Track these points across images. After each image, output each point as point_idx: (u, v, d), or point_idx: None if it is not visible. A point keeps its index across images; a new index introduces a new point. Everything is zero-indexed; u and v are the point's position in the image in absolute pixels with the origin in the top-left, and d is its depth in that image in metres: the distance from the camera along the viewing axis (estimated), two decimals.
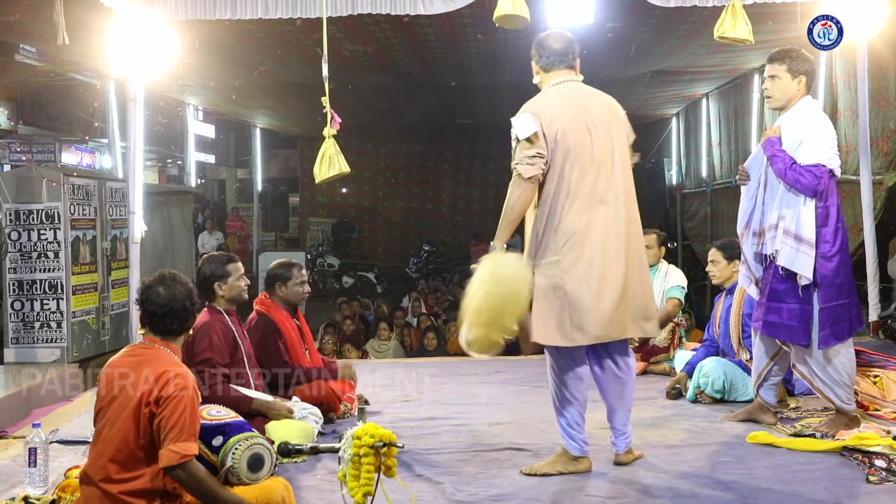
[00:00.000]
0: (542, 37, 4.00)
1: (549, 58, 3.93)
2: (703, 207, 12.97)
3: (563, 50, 3.92)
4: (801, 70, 4.26)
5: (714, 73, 10.69)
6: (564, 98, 3.86)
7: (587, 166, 3.75)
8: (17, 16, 6.95)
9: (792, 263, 4.16)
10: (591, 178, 3.75)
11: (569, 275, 3.72)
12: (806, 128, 4.20)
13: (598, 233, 3.74)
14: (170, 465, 2.83)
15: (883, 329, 6.47)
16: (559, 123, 3.75)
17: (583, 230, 3.72)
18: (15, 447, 4.40)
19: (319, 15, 5.65)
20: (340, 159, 5.53)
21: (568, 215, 3.73)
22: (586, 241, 3.72)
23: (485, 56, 9.49)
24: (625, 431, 3.97)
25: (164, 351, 3.04)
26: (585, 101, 3.86)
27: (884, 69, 6.91)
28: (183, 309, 3.08)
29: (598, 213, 3.75)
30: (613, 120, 3.88)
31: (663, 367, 6.04)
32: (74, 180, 6.76)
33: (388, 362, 7.66)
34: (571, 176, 3.74)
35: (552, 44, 3.93)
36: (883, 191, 6.88)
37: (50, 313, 6.51)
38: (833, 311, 4.19)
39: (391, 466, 2.87)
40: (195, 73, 9.55)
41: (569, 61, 3.93)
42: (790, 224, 4.17)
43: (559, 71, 3.92)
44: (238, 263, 4.60)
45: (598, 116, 3.82)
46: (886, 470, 3.72)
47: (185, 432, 2.86)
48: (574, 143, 3.75)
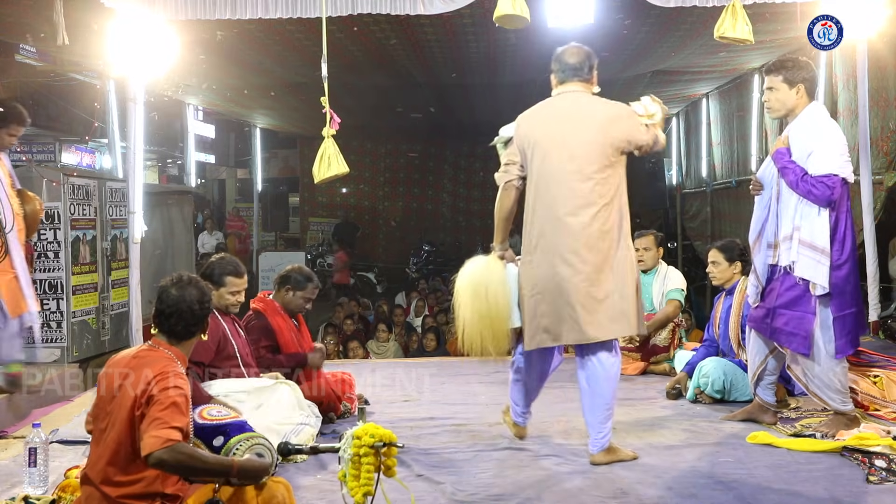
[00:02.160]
0: (560, 50, 4.14)
1: (564, 72, 4.10)
2: (703, 207, 12.97)
3: (578, 64, 4.07)
4: (797, 79, 4.24)
5: (714, 73, 10.69)
6: (554, 109, 4.09)
7: (559, 174, 3.94)
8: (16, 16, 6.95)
9: (809, 273, 4.13)
10: (562, 188, 3.93)
11: (534, 275, 3.98)
12: (815, 137, 4.17)
13: (560, 238, 3.91)
14: (152, 450, 2.73)
15: (883, 329, 6.47)
16: (537, 132, 4.01)
17: (549, 234, 3.94)
18: (15, 447, 4.40)
19: (319, 15, 5.65)
20: (339, 159, 5.53)
21: (537, 220, 4.00)
22: (549, 246, 3.93)
23: (485, 56, 9.49)
24: (600, 431, 3.98)
25: (168, 354, 3.03)
26: (577, 111, 4.02)
27: (883, 69, 6.91)
28: (190, 311, 3.06)
29: (565, 222, 3.91)
30: (601, 131, 3.94)
31: (663, 367, 6.04)
32: (74, 180, 6.75)
33: (388, 362, 7.67)
34: (541, 182, 3.98)
35: (567, 58, 4.09)
36: (883, 191, 6.87)
37: (50, 313, 6.50)
38: (846, 320, 4.18)
39: (391, 466, 2.87)
40: (195, 73, 9.56)
41: (582, 75, 4.08)
42: (806, 234, 4.14)
43: (570, 83, 4.09)
44: (238, 279, 4.56)
45: (581, 127, 3.95)
46: (886, 470, 3.72)
47: (166, 424, 2.78)
48: (548, 153, 3.97)
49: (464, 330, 4.03)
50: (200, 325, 3.14)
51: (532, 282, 4.00)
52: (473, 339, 4.00)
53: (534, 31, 6.51)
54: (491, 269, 4.06)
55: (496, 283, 4.00)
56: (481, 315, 3.98)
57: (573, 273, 3.88)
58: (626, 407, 5.11)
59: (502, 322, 4.01)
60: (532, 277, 4.00)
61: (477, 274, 4.05)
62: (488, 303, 3.97)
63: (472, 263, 4.11)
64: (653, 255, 6.26)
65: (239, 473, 2.85)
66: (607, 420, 3.99)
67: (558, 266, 3.90)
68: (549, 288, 3.93)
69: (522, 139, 4.06)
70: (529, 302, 4.00)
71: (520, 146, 4.07)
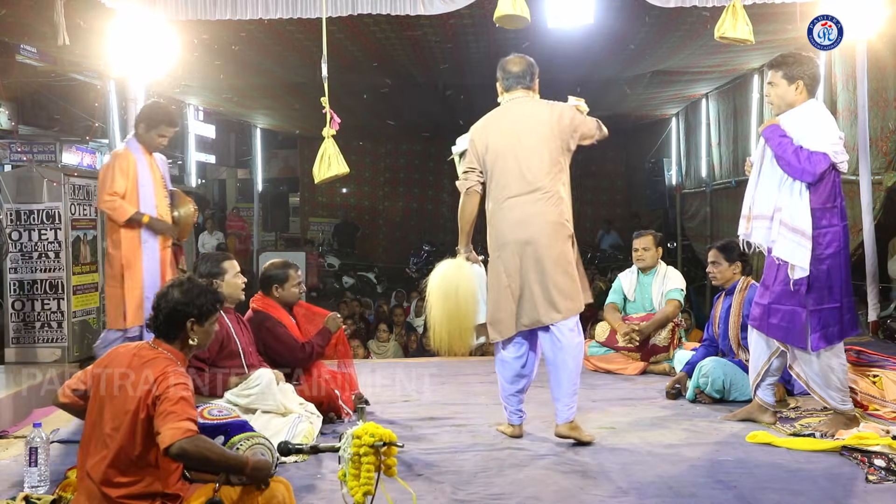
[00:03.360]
0: (504, 61, 4.42)
1: (508, 80, 4.39)
2: (703, 207, 12.98)
3: (521, 73, 4.36)
4: (797, 75, 4.24)
5: (714, 74, 10.69)
6: (503, 115, 4.39)
7: (510, 173, 4.25)
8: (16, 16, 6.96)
9: (791, 255, 4.15)
10: (516, 185, 4.23)
11: (503, 268, 4.28)
12: (810, 124, 4.18)
13: (513, 233, 4.24)
14: (174, 440, 2.74)
15: (882, 329, 6.48)
16: (489, 138, 4.32)
17: (506, 230, 4.26)
18: (16, 447, 4.40)
19: (319, 15, 5.66)
20: (340, 159, 5.54)
21: (495, 218, 4.31)
22: (506, 242, 4.26)
23: (485, 56, 9.50)
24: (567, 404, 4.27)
25: (167, 355, 3.03)
26: (523, 114, 4.32)
27: (883, 69, 6.92)
28: (174, 311, 3.04)
29: (514, 218, 4.24)
30: (549, 127, 4.24)
31: (663, 367, 6.04)
32: (75, 180, 6.76)
33: (388, 362, 7.67)
34: (501, 183, 4.28)
35: (511, 67, 4.38)
36: (882, 191, 6.88)
37: (51, 313, 6.51)
38: (823, 315, 4.19)
39: (391, 466, 2.87)
40: (195, 73, 9.56)
41: (525, 83, 4.38)
42: (786, 216, 4.15)
43: (515, 91, 4.38)
44: (233, 261, 4.65)
45: (529, 128, 4.26)
46: (886, 469, 3.73)
47: (182, 416, 2.80)
48: (500, 154, 4.28)
49: (433, 328, 4.41)
50: (186, 330, 3.06)
51: (502, 275, 4.28)
52: (441, 337, 4.39)
53: (534, 31, 6.51)
54: (459, 271, 4.40)
55: (465, 284, 4.36)
56: (450, 315, 4.35)
57: (536, 261, 4.21)
58: (627, 407, 5.13)
59: (469, 319, 4.37)
60: (501, 271, 4.29)
61: (447, 276, 4.39)
62: (458, 302, 4.33)
63: (441, 267, 4.46)
64: (652, 254, 6.26)
65: (253, 470, 2.88)
66: (574, 395, 4.28)
67: (524, 257, 4.22)
68: (517, 277, 4.24)
69: (478, 147, 4.36)
70: (504, 293, 4.28)
71: (476, 154, 4.37)
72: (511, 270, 4.27)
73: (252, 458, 2.92)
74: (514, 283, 4.27)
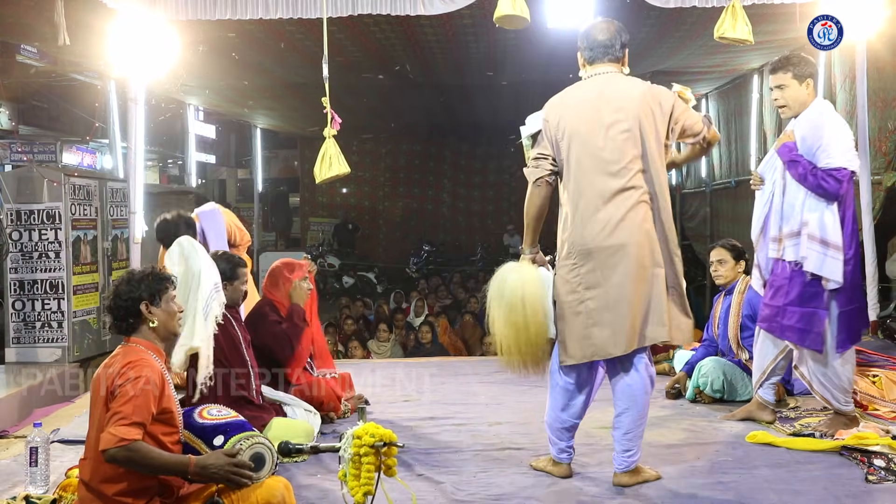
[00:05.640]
0: (587, 27, 3.74)
1: (593, 50, 3.68)
2: (702, 208, 12.97)
3: (608, 41, 3.66)
4: (806, 73, 4.24)
5: (714, 74, 10.69)
6: (584, 92, 3.66)
7: (595, 167, 3.55)
8: None
9: (820, 269, 4.13)
10: (600, 179, 3.54)
11: (580, 281, 3.59)
12: (822, 130, 4.16)
13: (594, 239, 3.55)
14: (106, 447, 2.76)
15: (882, 329, 6.47)
16: (566, 120, 3.59)
17: (590, 237, 3.56)
18: (16, 446, 4.41)
19: (319, 15, 5.65)
20: (340, 160, 5.54)
21: (576, 220, 3.59)
22: (586, 250, 3.56)
23: (485, 56, 9.50)
24: (627, 448, 3.66)
25: (139, 348, 3.06)
26: (610, 93, 3.59)
27: (882, 70, 6.91)
28: (125, 303, 3.07)
29: (599, 219, 3.54)
30: (643, 114, 3.55)
31: (663, 367, 6.04)
32: (75, 180, 6.77)
33: (388, 362, 7.67)
34: (580, 177, 3.59)
35: (596, 34, 3.67)
36: (882, 191, 6.88)
37: (51, 313, 6.52)
38: (849, 315, 4.20)
39: (391, 466, 2.88)
40: (195, 73, 9.56)
41: (613, 53, 3.67)
42: (815, 229, 4.13)
43: (601, 64, 3.67)
44: (246, 270, 4.59)
45: (619, 112, 3.55)
46: (885, 469, 3.73)
47: (125, 421, 2.80)
48: (584, 142, 3.57)
49: (501, 345, 3.67)
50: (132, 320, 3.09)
51: (578, 288, 3.59)
52: (512, 355, 3.65)
53: (534, 31, 6.51)
54: (525, 277, 3.67)
55: (532, 292, 3.62)
56: (518, 328, 3.61)
57: (623, 280, 3.52)
58: None
59: (541, 336, 3.65)
60: (577, 284, 3.59)
61: (510, 283, 3.65)
62: (525, 314, 3.60)
63: (503, 271, 3.71)
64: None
65: (196, 468, 2.88)
66: (640, 437, 3.67)
67: (607, 271, 3.53)
68: (599, 296, 3.55)
69: (552, 129, 3.63)
70: (578, 309, 3.59)
71: (550, 138, 3.64)
72: (590, 283, 3.57)
73: (194, 459, 2.91)
74: (593, 302, 3.57)
